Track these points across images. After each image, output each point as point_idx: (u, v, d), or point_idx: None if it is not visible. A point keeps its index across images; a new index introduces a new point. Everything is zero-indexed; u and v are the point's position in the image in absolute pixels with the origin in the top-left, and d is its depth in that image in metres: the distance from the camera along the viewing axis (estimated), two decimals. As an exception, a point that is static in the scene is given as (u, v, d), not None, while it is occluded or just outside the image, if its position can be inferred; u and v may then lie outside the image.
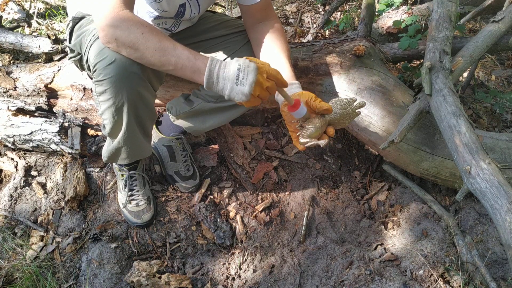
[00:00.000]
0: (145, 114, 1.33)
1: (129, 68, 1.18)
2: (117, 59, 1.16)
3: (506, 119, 2.06)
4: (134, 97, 1.24)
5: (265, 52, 1.40)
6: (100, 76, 1.19)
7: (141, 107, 1.29)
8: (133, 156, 1.49)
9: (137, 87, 1.22)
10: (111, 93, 1.21)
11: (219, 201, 1.78)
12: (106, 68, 1.17)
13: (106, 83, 1.20)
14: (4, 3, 2.66)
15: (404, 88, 1.64)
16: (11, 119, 1.74)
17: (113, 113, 1.27)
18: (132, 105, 1.26)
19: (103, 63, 1.17)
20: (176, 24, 1.50)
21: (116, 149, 1.43)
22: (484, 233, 1.53)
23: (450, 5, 1.56)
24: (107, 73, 1.18)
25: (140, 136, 1.40)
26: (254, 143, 1.93)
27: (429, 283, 1.42)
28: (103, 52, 1.18)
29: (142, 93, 1.25)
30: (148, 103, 1.31)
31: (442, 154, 1.54)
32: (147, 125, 1.41)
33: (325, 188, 1.84)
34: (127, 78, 1.19)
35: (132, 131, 1.35)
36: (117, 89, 1.20)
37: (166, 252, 1.62)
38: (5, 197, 1.72)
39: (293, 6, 2.78)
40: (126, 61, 1.17)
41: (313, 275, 1.55)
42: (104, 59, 1.17)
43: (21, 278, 1.49)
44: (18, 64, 1.99)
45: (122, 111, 1.26)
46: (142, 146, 1.47)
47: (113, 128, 1.33)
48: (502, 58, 2.48)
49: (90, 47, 1.25)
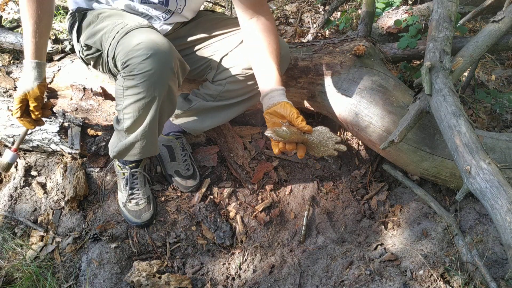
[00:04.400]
0: (168, 109, 1.37)
1: (165, 62, 1.22)
2: (152, 54, 1.19)
3: (506, 119, 2.06)
4: (165, 92, 1.28)
5: (253, 53, 1.39)
6: (134, 71, 1.21)
7: (167, 102, 1.33)
8: (146, 152, 1.48)
9: (168, 81, 1.26)
10: (143, 87, 1.23)
11: (219, 201, 1.78)
12: (141, 63, 1.20)
13: (140, 77, 1.22)
14: (4, 3, 2.66)
15: (404, 88, 1.64)
16: (11, 119, 1.74)
17: (139, 108, 1.29)
18: (163, 99, 1.30)
19: (138, 58, 1.19)
20: (167, 14, 1.47)
21: (130, 143, 1.42)
22: (484, 233, 1.53)
23: (450, 5, 1.56)
24: (142, 67, 1.20)
25: (156, 132, 1.42)
26: (254, 143, 1.93)
27: (429, 283, 1.42)
28: (139, 47, 1.20)
29: (172, 87, 1.29)
30: (174, 97, 1.35)
31: (442, 154, 1.54)
32: (164, 122, 1.43)
33: (325, 188, 1.84)
34: (163, 72, 1.23)
35: (153, 126, 1.36)
36: (150, 83, 1.23)
37: (166, 252, 1.62)
38: (5, 197, 1.72)
39: (293, 6, 2.78)
40: (162, 56, 1.21)
41: (313, 275, 1.55)
42: (139, 54, 1.20)
43: (21, 278, 1.49)
44: (18, 64, 1.99)
45: (150, 106, 1.29)
46: (155, 143, 1.47)
47: (134, 123, 1.34)
48: (502, 58, 2.48)
49: (118, 43, 1.26)
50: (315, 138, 1.24)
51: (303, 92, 1.77)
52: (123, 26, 1.30)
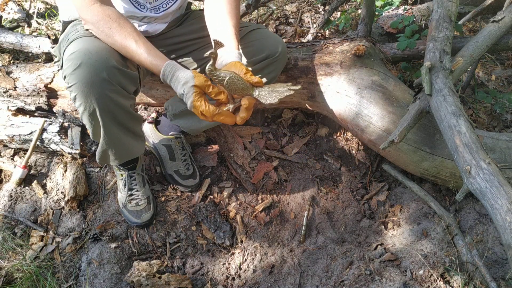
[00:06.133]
0: (124, 117, 1.31)
1: (95, 73, 1.16)
2: (82, 64, 1.15)
3: (506, 119, 2.06)
4: (105, 102, 1.22)
5: (211, 17, 1.38)
6: (69, 82, 1.18)
7: (117, 111, 1.26)
8: (121, 157, 1.47)
9: (106, 92, 1.20)
10: (81, 99, 1.20)
11: (219, 201, 1.78)
12: (72, 73, 1.16)
13: (74, 89, 1.18)
14: (4, 3, 2.66)
15: (404, 88, 1.64)
16: (11, 119, 1.74)
17: (88, 118, 1.26)
18: (105, 110, 1.23)
19: (70, 69, 1.17)
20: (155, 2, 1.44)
21: (103, 151, 1.42)
22: (484, 233, 1.53)
23: (450, 5, 1.56)
24: (73, 78, 1.17)
25: (123, 138, 1.37)
26: (254, 143, 1.93)
27: (429, 283, 1.42)
28: (71, 57, 1.17)
29: (113, 97, 1.22)
30: (123, 106, 1.28)
31: (442, 154, 1.54)
32: (132, 126, 1.38)
33: (325, 188, 1.84)
34: (94, 83, 1.17)
35: (113, 134, 1.33)
36: (85, 94, 1.18)
37: (166, 252, 1.62)
38: (5, 197, 1.72)
39: (293, 6, 2.78)
40: (92, 67, 1.16)
41: (313, 275, 1.55)
42: (70, 65, 1.16)
43: (21, 278, 1.49)
44: (18, 64, 1.99)
45: (95, 116, 1.24)
46: (129, 147, 1.44)
47: (94, 132, 1.33)
48: (502, 58, 2.48)
49: (64, 52, 1.24)
50: (265, 91, 1.17)
51: (303, 92, 1.77)
52: (74, 34, 1.29)
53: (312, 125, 2.05)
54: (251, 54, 1.47)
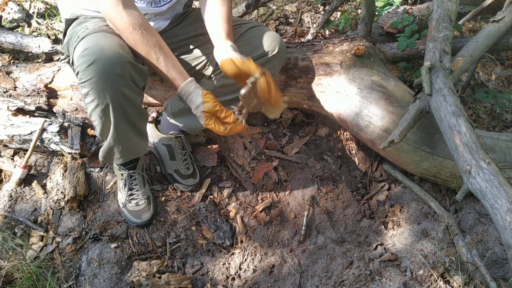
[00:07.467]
0: (133, 113, 1.32)
1: (109, 68, 1.17)
2: (96, 60, 1.16)
3: (506, 119, 2.06)
4: (118, 98, 1.23)
5: (202, 8, 1.45)
6: (82, 79, 1.19)
7: (128, 107, 1.28)
8: (127, 155, 1.48)
9: (119, 87, 1.21)
10: (94, 95, 1.20)
11: (219, 201, 1.78)
12: (86, 69, 1.17)
13: (88, 85, 1.19)
14: (4, 3, 2.66)
15: (404, 88, 1.64)
16: (11, 119, 1.74)
17: (99, 114, 1.26)
18: (117, 106, 1.24)
19: (83, 65, 1.17)
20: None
21: (108, 149, 1.42)
22: (484, 233, 1.53)
23: (450, 5, 1.56)
24: (87, 74, 1.17)
25: (131, 135, 1.38)
26: (254, 143, 1.93)
27: (429, 283, 1.42)
28: (84, 53, 1.17)
29: (126, 92, 1.24)
30: (134, 102, 1.29)
31: (442, 154, 1.54)
32: (139, 124, 1.40)
33: (325, 188, 1.84)
34: (108, 79, 1.18)
35: (122, 131, 1.34)
36: (98, 90, 1.19)
37: (166, 252, 1.62)
38: (5, 197, 1.72)
39: (293, 6, 2.78)
40: (106, 62, 1.16)
41: (313, 275, 1.55)
42: (84, 61, 1.17)
43: (21, 278, 1.48)
44: (18, 64, 1.99)
45: (108, 112, 1.25)
46: (135, 145, 1.45)
47: (103, 129, 1.33)
48: (502, 58, 2.48)
49: (74, 49, 1.24)
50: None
51: (303, 92, 1.77)
52: (84, 31, 1.29)
53: (312, 125, 2.05)
54: (249, 51, 1.47)
